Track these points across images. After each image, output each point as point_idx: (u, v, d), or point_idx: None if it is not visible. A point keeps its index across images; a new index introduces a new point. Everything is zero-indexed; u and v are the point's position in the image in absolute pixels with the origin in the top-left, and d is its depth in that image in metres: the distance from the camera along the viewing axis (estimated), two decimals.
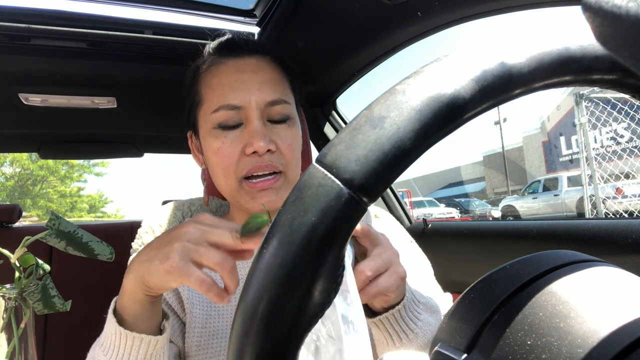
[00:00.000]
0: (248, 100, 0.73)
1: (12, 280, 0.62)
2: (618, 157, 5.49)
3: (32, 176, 20.01)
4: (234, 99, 0.73)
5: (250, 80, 0.75)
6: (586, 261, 0.27)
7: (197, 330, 0.72)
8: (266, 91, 0.74)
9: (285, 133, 0.76)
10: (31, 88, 1.25)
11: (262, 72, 0.77)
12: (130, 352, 0.57)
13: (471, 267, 1.21)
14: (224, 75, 0.76)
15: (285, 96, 0.77)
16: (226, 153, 0.73)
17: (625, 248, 0.85)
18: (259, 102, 0.74)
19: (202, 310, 0.73)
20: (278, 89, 0.76)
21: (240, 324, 0.24)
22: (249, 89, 0.74)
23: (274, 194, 0.73)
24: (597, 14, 0.17)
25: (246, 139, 0.73)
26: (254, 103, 0.73)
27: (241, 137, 0.73)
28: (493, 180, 24.24)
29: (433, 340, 0.29)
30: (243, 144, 0.73)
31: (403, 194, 11.30)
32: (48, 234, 0.63)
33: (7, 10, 0.99)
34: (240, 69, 0.76)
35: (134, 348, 0.57)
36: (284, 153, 0.75)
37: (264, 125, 0.74)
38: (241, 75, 0.75)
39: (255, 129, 0.72)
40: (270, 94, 0.75)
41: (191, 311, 0.72)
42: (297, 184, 0.24)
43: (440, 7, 0.96)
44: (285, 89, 0.79)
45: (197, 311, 0.73)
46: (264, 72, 0.77)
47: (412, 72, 0.25)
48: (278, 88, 0.76)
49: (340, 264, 0.24)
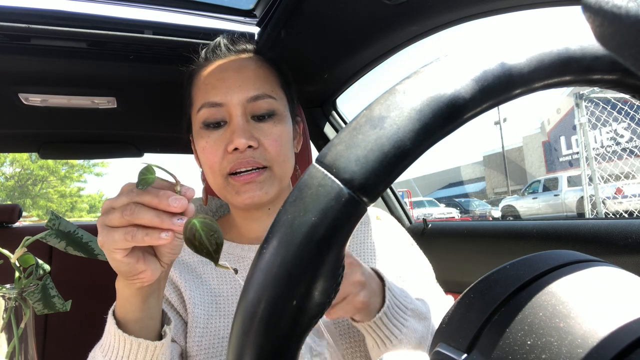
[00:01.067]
0: (229, 98, 0.75)
1: (12, 280, 0.62)
2: (618, 157, 5.49)
3: (32, 176, 20.01)
4: (215, 96, 0.75)
5: (231, 78, 0.76)
6: (586, 261, 0.27)
7: (198, 330, 0.71)
8: (248, 87, 0.76)
9: (269, 129, 0.76)
10: (31, 88, 1.25)
11: (245, 69, 0.78)
12: (129, 355, 0.57)
13: (471, 267, 1.21)
14: (209, 76, 0.78)
15: (271, 92, 0.78)
16: (210, 152, 0.76)
17: (625, 248, 0.85)
18: (241, 98, 0.75)
19: (203, 310, 0.73)
20: (262, 84, 0.77)
21: (240, 324, 0.24)
22: (229, 86, 0.75)
23: (258, 188, 0.74)
24: (597, 14, 0.17)
25: (228, 137, 0.74)
26: (235, 100, 0.75)
27: (224, 136, 0.75)
28: (493, 180, 24.24)
29: (433, 340, 0.29)
30: (226, 142, 0.74)
31: (403, 194, 11.30)
32: (48, 234, 0.63)
33: (7, 10, 0.99)
34: (223, 68, 0.78)
35: (132, 352, 0.57)
36: (267, 149, 0.75)
37: (247, 122, 0.75)
38: (224, 73, 0.77)
39: (236, 126, 0.74)
40: (252, 90, 0.76)
41: (193, 311, 0.72)
42: (297, 183, 0.24)
43: (440, 7, 0.96)
44: (272, 84, 0.79)
45: (198, 311, 0.73)
46: (247, 70, 0.78)
47: (412, 72, 0.25)
48: (262, 84, 0.77)
49: (340, 263, 0.24)
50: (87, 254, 0.68)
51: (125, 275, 0.52)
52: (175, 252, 0.55)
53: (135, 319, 0.57)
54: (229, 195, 0.76)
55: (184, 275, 0.76)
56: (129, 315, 0.57)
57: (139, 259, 0.51)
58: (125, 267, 0.51)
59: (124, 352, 0.57)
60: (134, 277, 0.52)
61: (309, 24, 1.09)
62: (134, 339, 0.56)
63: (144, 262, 0.52)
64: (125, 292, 0.55)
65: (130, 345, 0.57)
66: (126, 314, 0.57)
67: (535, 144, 21.41)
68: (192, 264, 0.80)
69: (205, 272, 0.79)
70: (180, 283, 0.75)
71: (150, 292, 0.56)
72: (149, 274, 0.52)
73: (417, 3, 0.95)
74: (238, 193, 0.75)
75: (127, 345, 0.57)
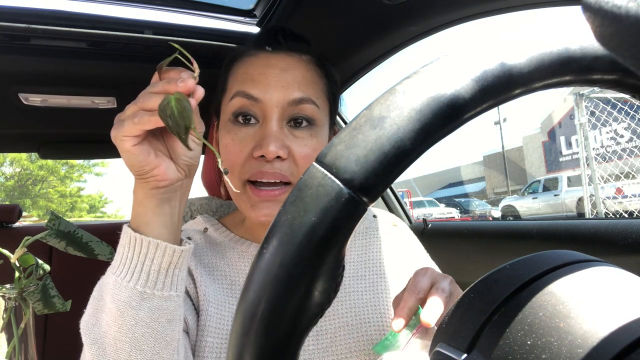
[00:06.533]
0: (269, 95, 0.68)
1: (12, 280, 0.62)
2: (618, 157, 5.49)
3: (32, 176, 20.01)
4: (253, 88, 0.68)
5: (275, 76, 0.69)
6: (586, 261, 0.27)
7: (210, 329, 0.67)
8: (292, 88, 0.69)
9: (304, 140, 0.69)
10: (31, 88, 1.25)
11: (293, 70, 0.71)
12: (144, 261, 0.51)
13: (471, 267, 1.21)
14: (251, 67, 0.71)
15: (316, 98, 0.71)
16: (233, 151, 0.69)
17: (625, 248, 0.85)
18: (281, 100, 0.68)
19: (216, 309, 0.69)
20: (307, 88, 0.70)
21: (240, 324, 0.24)
22: (271, 83, 0.68)
23: (276, 207, 0.68)
24: (597, 14, 0.17)
25: (257, 140, 0.67)
26: (275, 99, 0.68)
27: (253, 137, 0.68)
28: (493, 180, 24.24)
29: (433, 340, 0.29)
30: (253, 144, 0.68)
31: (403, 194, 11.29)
32: (48, 234, 0.63)
33: (7, 10, 0.99)
34: (269, 64, 0.71)
35: (149, 257, 0.51)
36: (297, 162, 0.68)
37: (281, 128, 0.68)
38: (269, 70, 0.70)
39: (268, 131, 0.67)
40: (296, 92, 0.69)
41: (207, 309, 0.68)
42: (297, 183, 0.24)
43: (440, 7, 0.96)
44: (317, 90, 0.72)
45: (212, 309, 0.68)
46: (295, 71, 0.71)
47: (412, 71, 0.25)
48: (307, 87, 0.70)
49: (340, 263, 0.24)
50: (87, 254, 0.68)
51: (137, 170, 0.50)
52: (191, 157, 0.53)
53: (148, 222, 0.53)
54: (243, 205, 0.70)
55: (199, 270, 0.71)
56: (141, 220, 0.53)
57: (150, 153, 0.50)
58: (136, 160, 0.49)
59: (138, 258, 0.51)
60: (147, 174, 0.50)
61: (309, 24, 1.09)
62: (151, 240, 0.51)
63: (156, 157, 0.50)
64: (139, 194, 0.53)
65: (147, 248, 0.51)
66: (138, 218, 0.53)
67: (535, 144, 21.41)
68: (210, 264, 0.75)
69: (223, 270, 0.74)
70: (197, 277, 0.70)
71: (165, 198, 0.53)
72: (162, 170, 0.50)
73: (417, 3, 0.95)
74: (254, 207, 0.68)
75: (143, 250, 0.51)
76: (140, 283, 0.51)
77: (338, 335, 0.71)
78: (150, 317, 0.51)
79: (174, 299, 0.53)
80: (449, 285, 0.58)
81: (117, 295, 0.51)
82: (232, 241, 0.77)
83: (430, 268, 0.62)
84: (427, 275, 0.59)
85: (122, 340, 0.51)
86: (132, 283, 0.51)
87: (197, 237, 0.77)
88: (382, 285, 0.77)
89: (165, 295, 0.52)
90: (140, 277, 0.51)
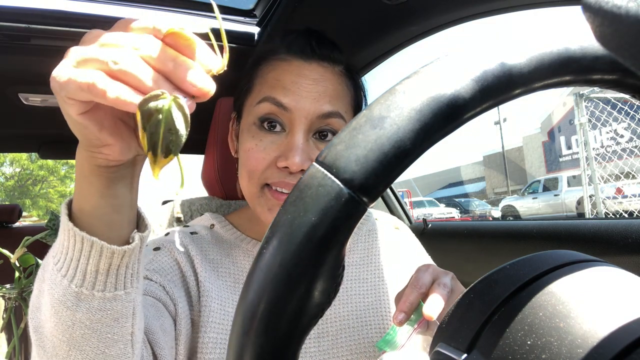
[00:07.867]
0: (300, 106, 0.66)
1: (12, 280, 0.62)
2: (618, 157, 5.49)
3: (32, 176, 20.02)
4: (284, 97, 0.66)
5: (308, 88, 0.67)
6: (586, 261, 0.27)
7: (213, 325, 0.65)
8: (323, 101, 0.67)
9: None
10: (31, 88, 1.25)
11: (325, 82, 0.69)
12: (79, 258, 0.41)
13: (471, 267, 1.21)
14: (283, 74, 0.69)
15: (344, 112, 0.70)
16: (256, 157, 0.67)
17: (625, 248, 0.85)
18: (311, 112, 0.67)
19: (219, 304, 0.68)
20: (337, 101, 0.69)
21: (240, 324, 0.24)
22: (304, 96, 0.67)
23: None
24: (597, 14, 0.17)
25: (282, 149, 0.66)
26: (304, 112, 0.66)
27: (278, 145, 0.67)
28: (493, 180, 24.24)
29: (433, 339, 0.29)
30: (278, 153, 0.67)
31: (403, 194, 11.30)
32: (48, 234, 0.64)
33: (7, 10, 0.99)
34: (302, 74, 0.68)
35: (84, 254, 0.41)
36: None
37: (307, 141, 0.67)
38: (301, 79, 0.68)
39: (295, 142, 0.65)
40: (327, 105, 0.67)
41: (210, 304, 0.66)
42: (297, 183, 0.24)
43: (440, 7, 0.96)
44: (346, 104, 0.71)
45: (215, 305, 0.67)
46: (327, 83, 0.69)
47: (412, 71, 0.25)
48: (337, 101, 0.69)
49: (340, 263, 0.24)
50: None
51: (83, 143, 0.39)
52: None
53: (94, 206, 0.41)
54: (259, 208, 0.69)
55: (205, 265, 0.70)
56: (85, 201, 0.41)
57: (104, 128, 0.37)
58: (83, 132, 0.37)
59: (73, 253, 0.41)
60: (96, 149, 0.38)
61: (309, 24, 1.09)
62: (85, 236, 0.40)
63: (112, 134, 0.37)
64: (84, 167, 0.40)
65: (81, 244, 0.40)
66: (83, 198, 0.41)
67: (535, 144, 21.42)
68: (216, 260, 0.74)
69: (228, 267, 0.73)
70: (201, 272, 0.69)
71: (118, 177, 0.41)
72: (115, 151, 0.38)
73: (417, 3, 0.95)
74: (271, 210, 0.67)
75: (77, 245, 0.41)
76: (75, 282, 0.41)
77: (339, 338, 0.71)
78: (89, 318, 0.42)
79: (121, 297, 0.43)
80: (451, 281, 0.58)
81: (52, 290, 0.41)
82: (238, 239, 0.77)
83: (432, 264, 0.62)
84: (429, 271, 0.59)
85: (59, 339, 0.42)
86: (67, 280, 0.41)
87: (203, 232, 0.77)
88: (384, 288, 0.77)
89: (108, 296, 0.42)
90: (75, 274, 0.41)
